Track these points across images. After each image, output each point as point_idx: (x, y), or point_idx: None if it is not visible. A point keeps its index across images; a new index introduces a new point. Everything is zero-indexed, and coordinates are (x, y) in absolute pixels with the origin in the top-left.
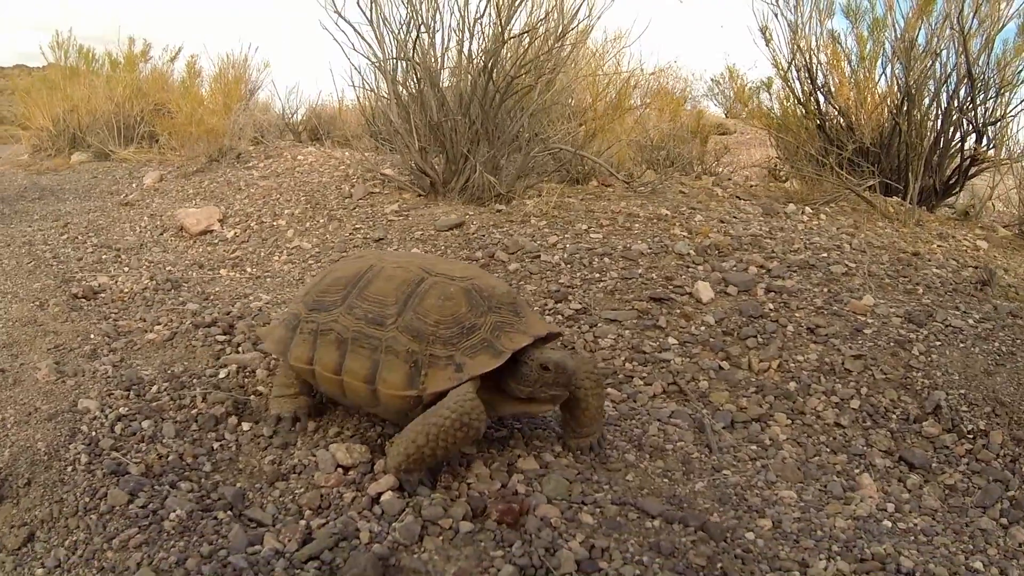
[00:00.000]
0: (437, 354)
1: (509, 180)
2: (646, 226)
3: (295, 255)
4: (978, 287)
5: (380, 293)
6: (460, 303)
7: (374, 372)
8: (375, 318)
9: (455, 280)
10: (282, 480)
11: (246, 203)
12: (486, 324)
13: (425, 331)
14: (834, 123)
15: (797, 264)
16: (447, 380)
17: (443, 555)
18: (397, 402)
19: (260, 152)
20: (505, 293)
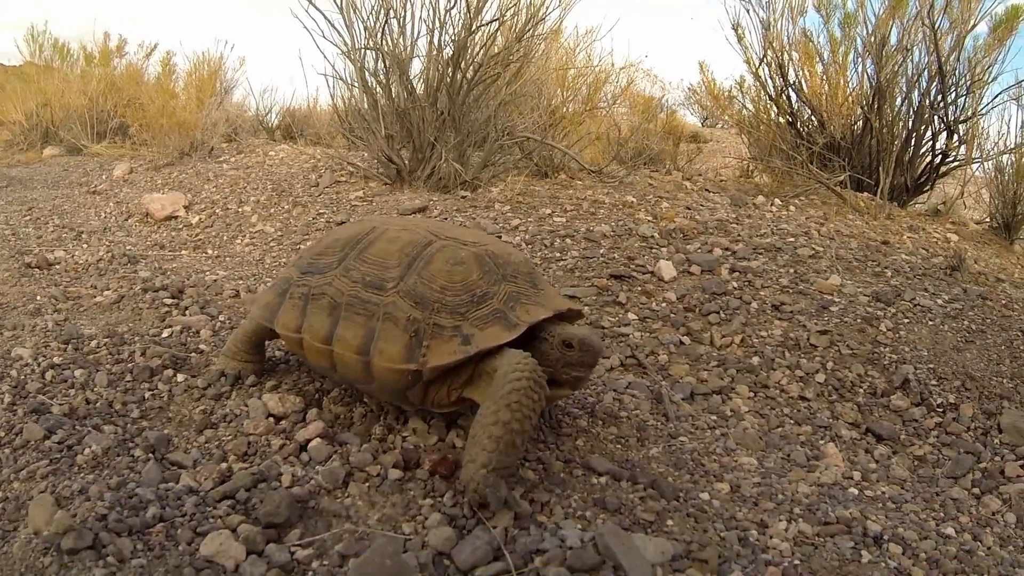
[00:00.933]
0: (442, 323)
1: (475, 169)
2: (611, 212)
3: (257, 238)
4: (948, 272)
5: (381, 255)
6: (471, 269)
7: (369, 342)
8: (374, 282)
9: (467, 245)
10: (211, 428)
11: (213, 191)
12: (499, 293)
13: (430, 297)
14: (806, 120)
15: (763, 247)
16: (451, 353)
17: (367, 500)
18: (393, 377)
19: (232, 148)
20: (523, 261)
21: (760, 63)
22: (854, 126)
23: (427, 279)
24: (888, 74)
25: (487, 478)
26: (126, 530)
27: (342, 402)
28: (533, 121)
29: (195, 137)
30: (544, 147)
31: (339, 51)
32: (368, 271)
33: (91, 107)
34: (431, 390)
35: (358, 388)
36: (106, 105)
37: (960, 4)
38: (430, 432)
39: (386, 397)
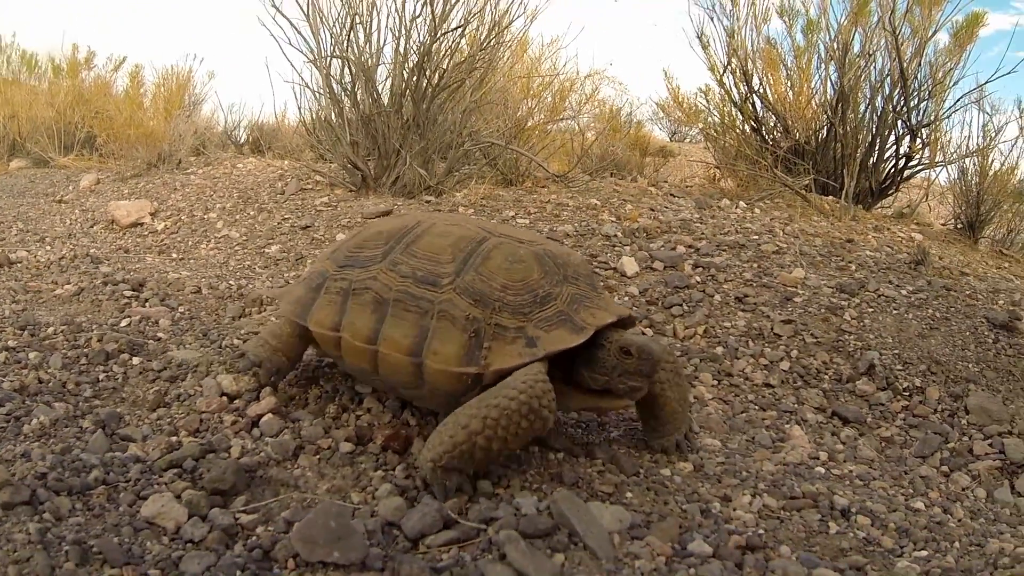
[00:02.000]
0: (504, 324)
1: (440, 175)
2: (574, 214)
3: (222, 243)
4: (912, 266)
5: (433, 249)
6: (532, 267)
7: (421, 342)
8: (426, 276)
9: (523, 243)
10: (164, 407)
11: (179, 200)
12: (562, 295)
13: (490, 296)
14: (771, 126)
15: (727, 244)
16: (516, 356)
17: (317, 472)
18: (448, 381)
19: (200, 162)
20: (581, 263)
21: (725, 70)
22: (818, 131)
23: (485, 276)
24: (851, 80)
25: (433, 472)
26: (65, 489)
27: (298, 384)
28: (497, 128)
29: (162, 149)
30: (510, 154)
31: (306, 59)
32: (419, 265)
33: (59, 119)
34: None
35: (400, 394)
36: (74, 117)
37: (921, 11)
38: (384, 411)
39: (433, 404)
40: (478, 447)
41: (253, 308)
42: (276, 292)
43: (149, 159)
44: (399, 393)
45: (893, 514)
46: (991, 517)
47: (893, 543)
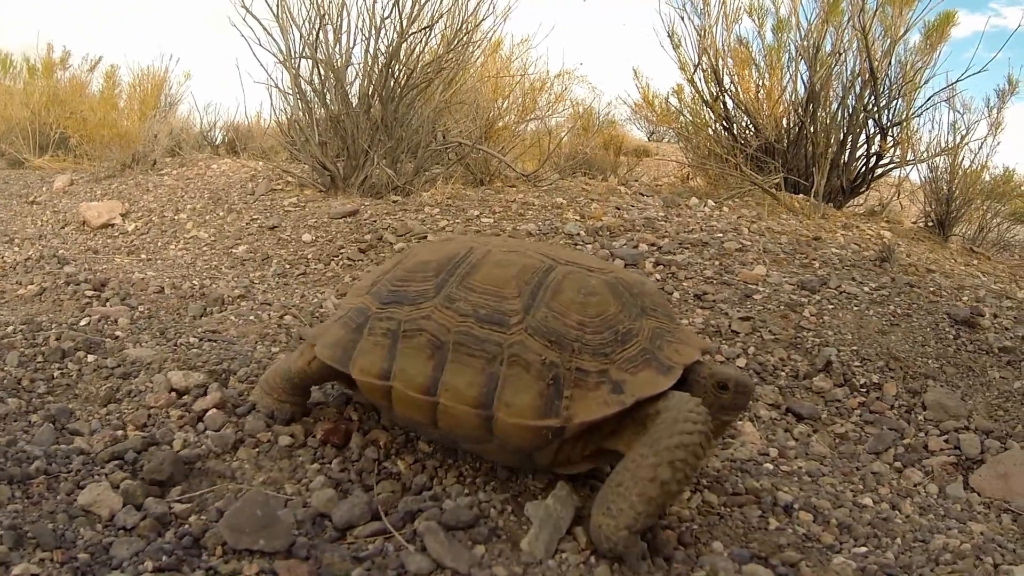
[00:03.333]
0: (585, 368)
1: (408, 175)
2: (539, 212)
3: (191, 244)
4: (877, 263)
5: (494, 282)
6: (607, 300)
7: (490, 392)
8: (490, 315)
9: (593, 271)
10: (114, 403)
11: (151, 200)
12: (643, 330)
13: (566, 335)
14: (742, 125)
15: (690, 242)
16: (602, 405)
17: (254, 464)
18: (523, 436)
19: (175, 162)
20: (656, 291)
21: (695, 69)
22: (789, 130)
23: (559, 312)
24: (821, 78)
25: (628, 540)
26: (6, 478)
27: (247, 380)
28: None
29: (137, 150)
30: (479, 154)
31: (276, 60)
32: (480, 302)
33: (33, 120)
34: (565, 448)
35: (463, 447)
36: (48, 118)
37: (892, 10)
38: (329, 406)
39: (502, 458)
40: (669, 494)
41: (215, 307)
42: (309, 332)
43: (123, 160)
44: (459, 446)
45: (838, 510)
46: (941, 513)
47: (833, 539)
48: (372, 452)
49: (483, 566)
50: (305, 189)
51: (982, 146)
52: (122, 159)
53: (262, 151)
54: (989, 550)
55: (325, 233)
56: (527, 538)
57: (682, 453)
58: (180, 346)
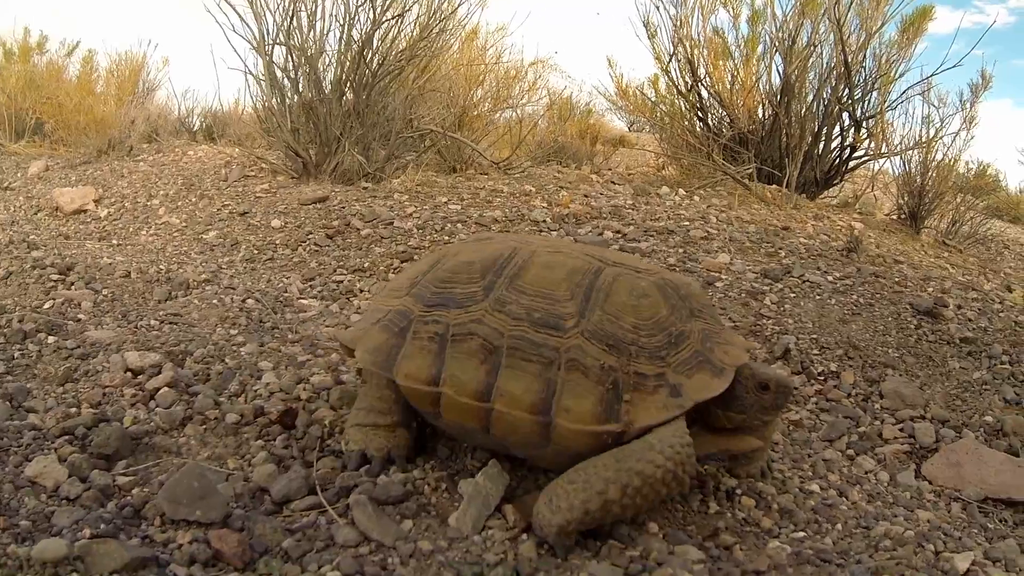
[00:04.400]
0: (643, 371)
1: (379, 162)
2: (507, 200)
3: (162, 229)
4: (844, 253)
5: (545, 284)
6: (658, 302)
7: (548, 397)
8: (544, 319)
9: (641, 272)
10: (72, 382)
11: (124, 186)
12: (694, 332)
13: (623, 339)
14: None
15: (656, 230)
16: (662, 409)
17: (200, 440)
18: (583, 442)
19: (152, 148)
20: (701, 292)
21: (670, 59)
22: (764, 121)
23: (613, 316)
24: (796, 70)
25: (558, 537)
26: None
27: (203, 361)
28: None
29: (113, 135)
30: (453, 143)
31: (250, 46)
32: (534, 304)
33: (9, 105)
34: None
35: (514, 453)
36: (25, 103)
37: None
38: (281, 388)
39: (555, 464)
40: (610, 513)
41: (179, 291)
42: (346, 336)
43: (99, 146)
44: (512, 452)
45: (782, 496)
46: (889, 501)
47: (772, 524)
48: (316, 430)
49: (409, 539)
50: (278, 175)
51: (955, 140)
52: (98, 145)
53: (239, 138)
54: (933, 537)
55: (294, 219)
56: (455, 514)
57: (638, 482)
58: (140, 328)
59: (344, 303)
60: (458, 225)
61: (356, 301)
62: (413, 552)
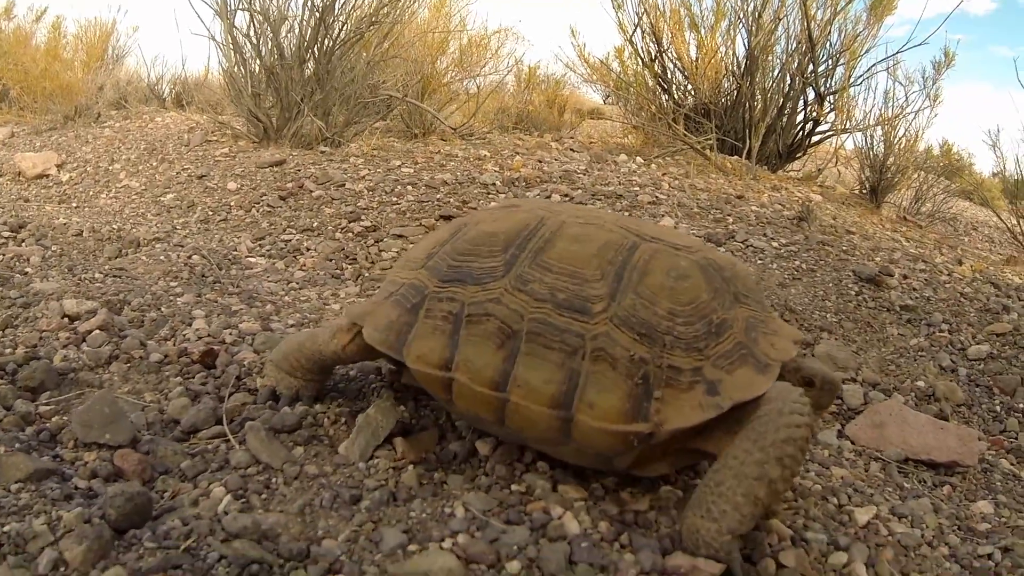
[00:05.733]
0: (678, 365)
1: (339, 126)
2: (460, 164)
3: (122, 193)
4: (795, 222)
5: (572, 260)
6: (699, 285)
7: (570, 391)
8: (570, 300)
9: (680, 249)
10: (11, 328)
11: (88, 151)
12: (737, 320)
13: (657, 327)
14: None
15: (604, 194)
16: (697, 409)
17: (123, 376)
18: (607, 441)
19: (120, 115)
20: (748, 274)
21: (635, 29)
22: (728, 93)
23: (647, 300)
24: (760, 43)
25: (730, 545)
26: None
27: (139, 309)
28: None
29: (80, 102)
30: (416, 110)
31: (213, 11)
32: (558, 284)
33: None
34: (647, 450)
35: (532, 447)
36: None
37: None
38: (209, 333)
39: (577, 460)
40: (776, 492)
41: (129, 249)
42: (356, 311)
43: (66, 112)
44: (530, 446)
45: None
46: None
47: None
48: (234, 370)
49: (296, 463)
50: (239, 140)
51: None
52: (65, 111)
53: (209, 105)
54: (840, 492)
55: (250, 182)
56: (345, 443)
57: (791, 448)
58: (84, 280)
59: (290, 261)
60: (408, 187)
61: (302, 259)
62: (298, 474)
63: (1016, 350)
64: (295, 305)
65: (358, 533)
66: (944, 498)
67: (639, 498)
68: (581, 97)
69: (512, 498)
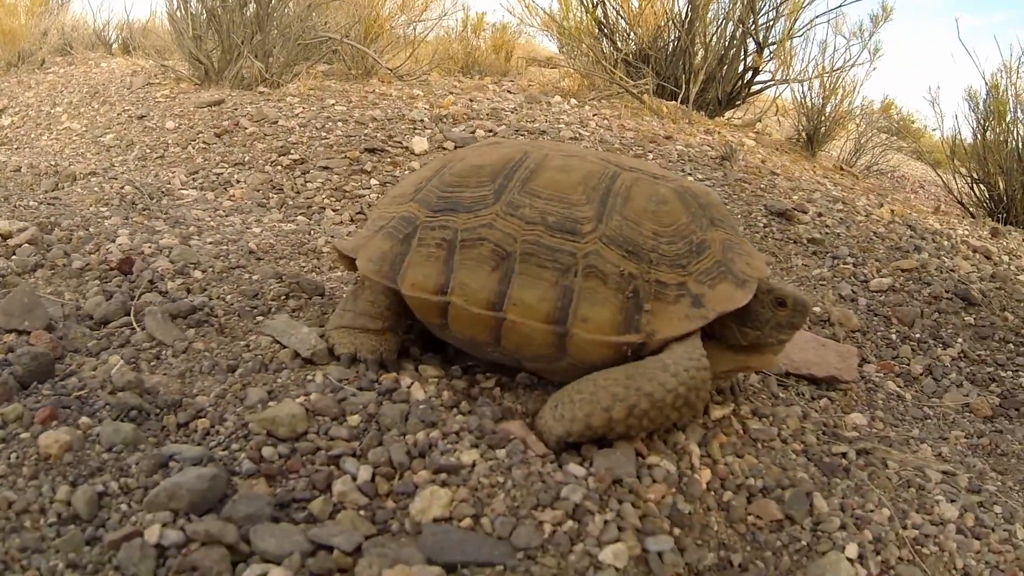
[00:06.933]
0: (664, 280)
1: (279, 68)
2: (393, 102)
3: (63, 135)
4: (718, 161)
5: (559, 187)
6: (678, 209)
7: (564, 306)
8: (560, 223)
9: (659, 179)
10: None
11: (31, 96)
12: (715, 241)
13: (643, 245)
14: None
15: (528, 130)
16: (684, 320)
17: (47, 280)
18: (601, 353)
19: (65, 62)
20: (720, 203)
21: None
22: (669, 41)
23: (633, 221)
24: None
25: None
26: None
27: (68, 230)
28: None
29: (23, 48)
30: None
31: None
32: (548, 208)
33: None
34: None
35: (525, 367)
36: None
37: None
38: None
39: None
40: (613, 431)
41: (66, 182)
42: (345, 244)
43: (8, 59)
44: (523, 366)
45: None
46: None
47: None
48: (148, 275)
49: (186, 340)
50: (181, 83)
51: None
52: (7, 58)
53: (155, 50)
54: None
55: (188, 121)
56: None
57: (646, 404)
58: (19, 208)
59: (220, 192)
60: (338, 124)
61: (232, 190)
62: (186, 349)
63: (920, 285)
64: (219, 229)
65: (227, 391)
66: (819, 409)
67: (490, 378)
68: (536, 46)
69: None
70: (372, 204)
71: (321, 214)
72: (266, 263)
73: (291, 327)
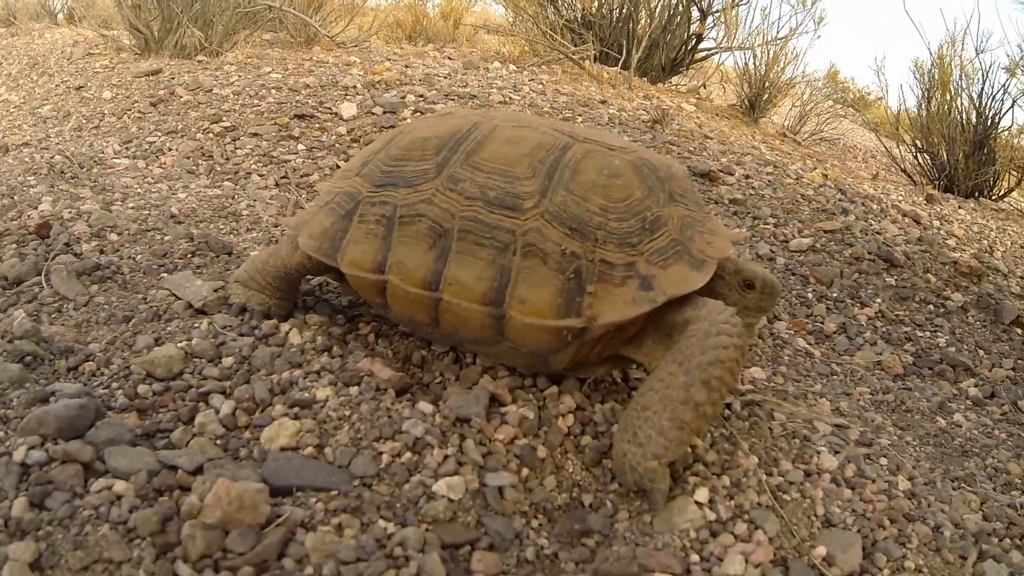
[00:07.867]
0: (610, 260)
1: (218, 37)
2: (328, 69)
3: (0, 107)
4: (649, 125)
5: (504, 160)
6: (632, 183)
7: (501, 287)
8: (500, 198)
9: (614, 150)
10: None
11: None
12: (672, 218)
13: (589, 222)
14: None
15: (457, 95)
16: (630, 304)
17: None
18: (539, 338)
19: (8, 32)
20: (684, 176)
21: None
22: (613, 8)
23: (579, 196)
24: None
25: (655, 473)
26: None
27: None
28: None
29: None
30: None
31: None
32: (489, 183)
33: None
34: (583, 349)
35: (466, 348)
36: None
37: None
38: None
39: (513, 361)
40: (705, 417)
41: None
42: (291, 221)
43: None
44: (464, 347)
45: None
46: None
47: None
48: (64, 237)
49: (88, 295)
50: (121, 53)
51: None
52: None
53: (101, 20)
54: None
55: (125, 91)
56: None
57: (718, 371)
58: None
59: (151, 160)
60: (272, 91)
61: (163, 159)
62: (87, 303)
63: (842, 246)
64: (144, 196)
65: (117, 339)
66: None
67: (368, 324)
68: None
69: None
70: (296, 168)
71: (247, 179)
72: (185, 227)
73: (187, 280)
